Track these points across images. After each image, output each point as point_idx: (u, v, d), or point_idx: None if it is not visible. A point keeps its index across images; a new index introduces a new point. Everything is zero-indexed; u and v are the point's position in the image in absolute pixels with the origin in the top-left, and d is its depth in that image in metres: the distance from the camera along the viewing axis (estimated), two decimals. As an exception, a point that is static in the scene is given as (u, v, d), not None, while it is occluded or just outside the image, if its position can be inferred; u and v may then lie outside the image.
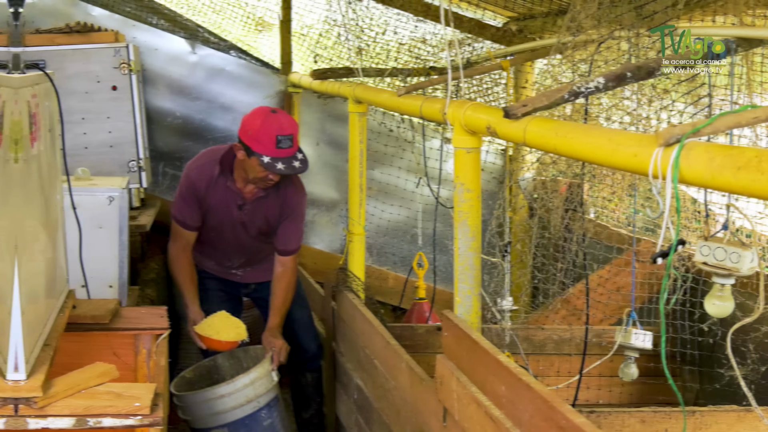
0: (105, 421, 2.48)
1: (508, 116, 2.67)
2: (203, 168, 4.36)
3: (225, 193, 4.36)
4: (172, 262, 4.48)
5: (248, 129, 4.13)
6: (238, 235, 4.50)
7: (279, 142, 4.07)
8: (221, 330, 4.28)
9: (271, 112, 4.16)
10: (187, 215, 4.39)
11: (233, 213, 4.41)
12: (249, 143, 4.12)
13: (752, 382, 4.27)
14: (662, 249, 2.14)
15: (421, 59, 5.77)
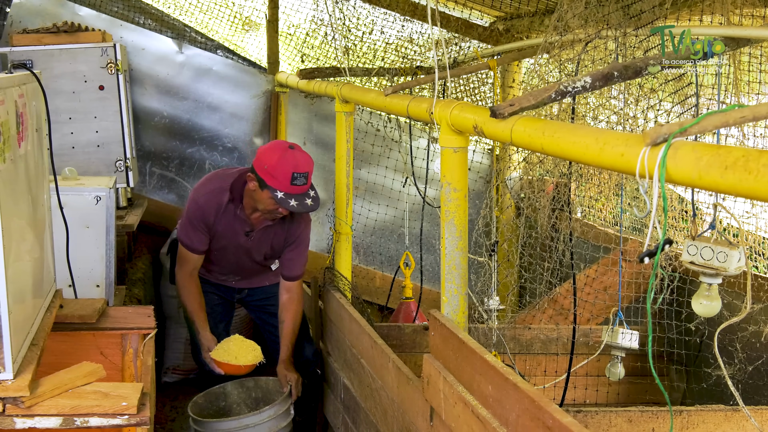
0: (92, 421, 2.47)
1: (495, 116, 2.67)
2: (212, 195, 4.34)
3: (233, 221, 4.37)
4: (181, 288, 4.46)
5: (264, 162, 4.12)
6: (240, 259, 4.53)
7: (294, 179, 4.09)
8: (239, 354, 4.26)
9: (289, 148, 4.15)
10: (195, 240, 4.38)
11: (240, 239, 4.43)
12: (263, 176, 4.12)
13: (739, 381, 4.29)
14: (649, 248, 2.15)
15: (408, 59, 5.77)
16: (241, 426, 4.21)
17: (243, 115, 6.84)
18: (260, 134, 6.85)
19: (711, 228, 2.87)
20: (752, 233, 4.11)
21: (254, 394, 4.56)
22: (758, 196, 1.63)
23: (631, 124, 3.45)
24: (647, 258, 2.10)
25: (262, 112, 6.84)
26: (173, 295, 5.91)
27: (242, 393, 4.56)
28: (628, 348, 3.75)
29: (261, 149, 4.21)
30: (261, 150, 4.20)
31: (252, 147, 6.83)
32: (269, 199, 4.15)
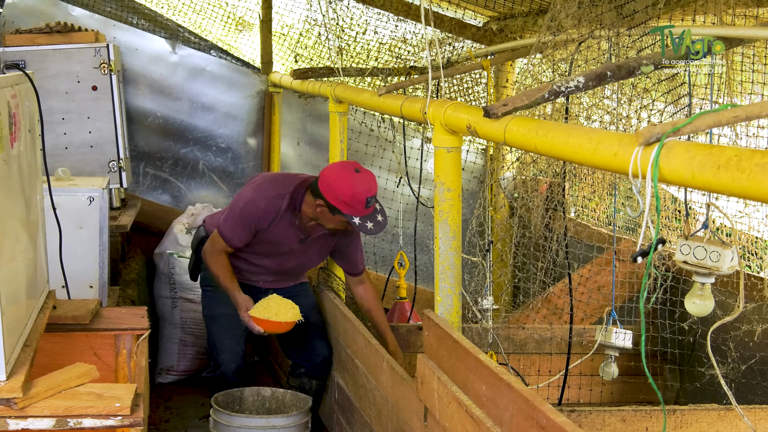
0: (85, 422, 2.47)
1: (489, 115, 2.68)
2: (272, 202, 4.33)
3: (288, 228, 4.37)
4: (211, 258, 4.42)
5: (338, 193, 4.12)
6: (286, 263, 4.54)
7: (368, 203, 4.15)
8: (279, 311, 4.24)
9: (356, 172, 4.17)
10: (237, 236, 4.37)
11: (293, 245, 4.44)
12: (337, 205, 4.14)
13: (732, 380, 4.30)
14: (642, 248, 2.15)
15: (402, 59, 5.77)
16: (269, 426, 4.22)
17: (237, 115, 6.83)
18: (254, 134, 6.85)
19: (704, 227, 2.88)
20: (745, 233, 4.12)
21: (268, 405, 4.56)
22: (751, 196, 1.64)
23: (625, 124, 3.46)
24: (640, 257, 2.10)
25: (256, 112, 6.84)
26: (166, 295, 5.90)
27: (257, 401, 4.56)
28: (622, 347, 3.75)
29: (329, 176, 4.18)
30: (329, 178, 4.17)
31: (246, 147, 6.83)
32: (342, 222, 4.22)
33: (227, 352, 4.58)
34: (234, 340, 4.59)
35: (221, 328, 4.59)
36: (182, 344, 5.92)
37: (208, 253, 4.45)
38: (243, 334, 4.63)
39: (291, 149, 6.95)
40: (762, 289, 4.17)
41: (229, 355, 4.58)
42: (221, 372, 4.59)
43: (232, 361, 4.59)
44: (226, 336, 4.58)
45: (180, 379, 5.94)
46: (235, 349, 4.59)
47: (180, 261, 5.83)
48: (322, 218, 4.27)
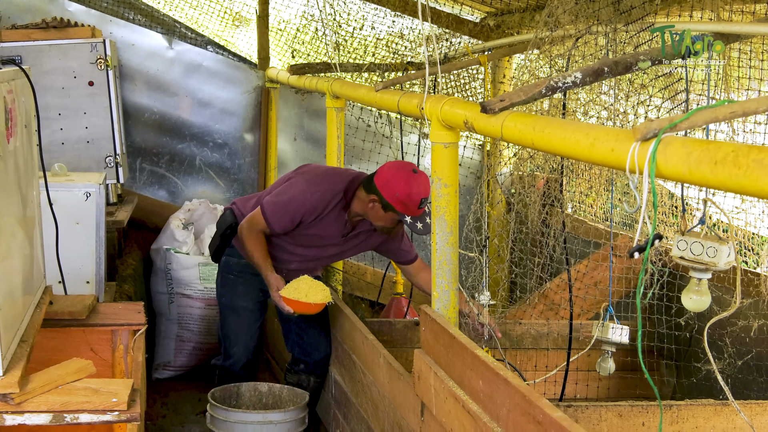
0: (82, 417, 2.47)
1: (486, 111, 2.68)
2: (324, 195, 4.32)
3: (333, 223, 4.36)
4: (249, 234, 4.37)
5: (395, 190, 4.13)
6: (323, 255, 4.52)
7: (421, 204, 4.16)
8: (309, 293, 4.23)
9: (413, 173, 4.18)
10: (279, 224, 4.34)
11: (335, 240, 4.43)
12: (393, 203, 4.15)
13: (729, 376, 4.30)
14: (639, 244, 2.15)
15: (399, 54, 5.77)
16: (266, 421, 4.22)
17: (233, 111, 6.82)
18: (251, 130, 6.84)
19: (701, 223, 2.88)
20: (742, 228, 4.13)
21: (265, 400, 4.56)
22: (748, 192, 1.64)
23: (622, 120, 3.46)
24: (637, 253, 2.10)
25: (253, 108, 6.83)
26: (163, 291, 5.90)
27: (254, 397, 4.57)
28: (619, 343, 3.75)
29: (387, 174, 4.19)
30: (387, 175, 4.19)
31: (243, 143, 6.82)
32: (392, 221, 4.23)
33: (240, 347, 4.59)
34: (248, 335, 4.60)
35: (239, 321, 4.59)
36: (179, 340, 5.92)
37: (246, 229, 4.38)
38: (258, 329, 4.64)
39: (288, 145, 6.94)
40: (758, 284, 4.17)
41: (242, 350, 4.60)
42: (231, 363, 4.61)
43: (243, 356, 4.61)
44: (241, 330, 4.59)
45: (177, 375, 5.95)
46: (248, 345, 4.61)
47: (177, 257, 5.83)
48: (371, 215, 4.27)
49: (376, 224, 4.30)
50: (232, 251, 4.57)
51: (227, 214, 4.59)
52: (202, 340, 5.90)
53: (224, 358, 4.65)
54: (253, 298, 4.58)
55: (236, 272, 4.56)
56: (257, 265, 4.34)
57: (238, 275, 4.56)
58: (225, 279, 4.63)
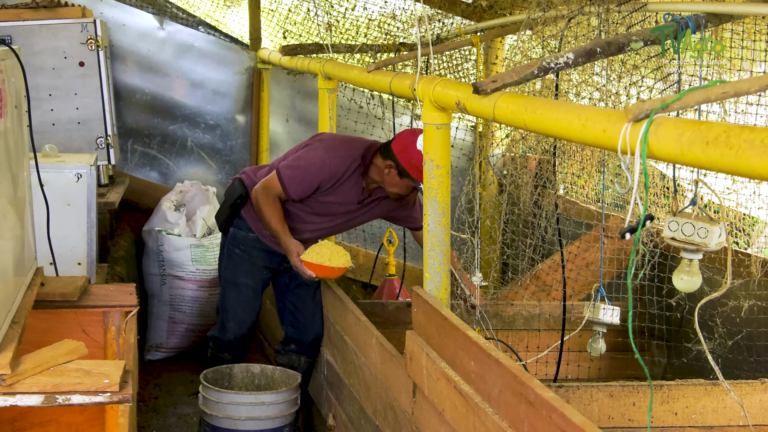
0: (74, 398, 2.46)
1: (478, 92, 2.67)
2: (343, 161, 4.31)
3: (351, 189, 4.36)
4: (265, 200, 4.32)
5: (412, 156, 4.13)
6: (334, 221, 4.50)
7: None
8: (332, 257, 4.22)
9: None
10: (296, 189, 4.31)
11: (351, 206, 4.43)
12: (409, 169, 4.16)
13: (719, 356, 4.32)
14: (630, 224, 2.15)
15: (391, 35, 5.75)
16: (258, 402, 4.23)
17: (225, 92, 6.80)
18: (243, 111, 6.82)
19: (692, 204, 2.89)
20: (733, 209, 4.14)
21: (257, 381, 4.57)
22: (739, 172, 1.64)
23: (614, 101, 3.46)
24: (628, 234, 2.11)
25: (245, 89, 6.81)
26: (155, 272, 5.89)
27: (246, 378, 4.57)
28: (610, 324, 3.77)
29: (406, 140, 4.19)
30: (405, 142, 4.18)
31: (234, 124, 6.80)
32: (407, 187, 4.25)
33: (236, 322, 4.60)
34: (246, 313, 4.60)
35: (239, 298, 4.59)
36: (171, 321, 5.92)
37: (262, 194, 4.33)
38: (257, 306, 4.64)
39: (280, 126, 6.92)
40: (749, 265, 4.19)
41: (237, 326, 4.61)
42: (224, 334, 4.62)
43: (238, 330, 4.62)
44: (240, 306, 4.59)
45: (169, 356, 5.95)
46: (245, 321, 4.61)
47: (169, 238, 5.82)
48: (387, 181, 4.27)
49: (390, 190, 4.30)
50: (241, 223, 4.54)
51: (236, 184, 4.55)
52: (194, 322, 5.90)
53: (219, 329, 4.66)
54: (256, 276, 4.57)
55: (243, 247, 4.55)
56: (274, 231, 4.31)
57: (245, 251, 4.55)
58: (231, 253, 4.59)
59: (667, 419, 3.35)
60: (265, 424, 4.26)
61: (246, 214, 4.52)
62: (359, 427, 3.97)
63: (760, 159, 1.56)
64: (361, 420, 3.93)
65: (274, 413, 4.27)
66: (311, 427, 4.91)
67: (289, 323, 4.66)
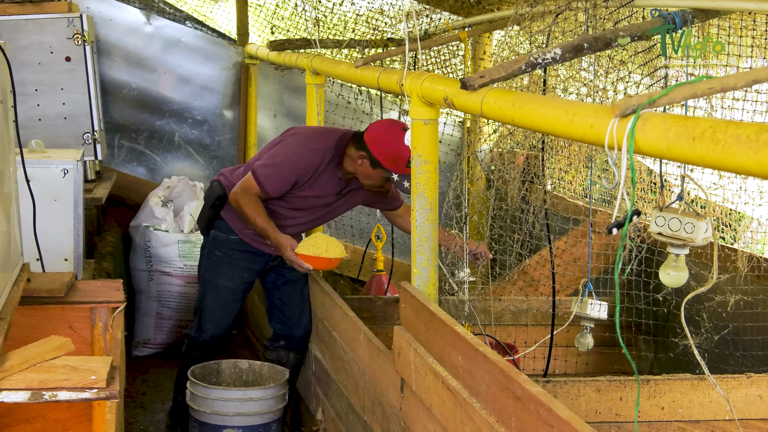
0: (61, 395, 2.46)
1: (466, 87, 2.67)
2: (317, 153, 4.30)
3: (329, 180, 4.35)
4: (245, 201, 4.29)
5: (384, 147, 4.15)
6: (318, 216, 4.49)
7: (409, 163, 4.12)
8: (328, 248, 4.22)
9: (404, 131, 4.17)
10: (273, 187, 4.29)
11: (330, 198, 4.42)
12: (381, 159, 4.16)
13: (706, 350, 4.34)
14: (617, 220, 2.16)
15: (379, 30, 5.74)
16: (246, 398, 4.23)
17: (213, 88, 6.78)
18: (230, 106, 6.81)
19: (679, 199, 2.89)
20: (719, 204, 4.15)
21: (245, 377, 4.56)
22: (725, 167, 1.64)
23: (601, 96, 3.46)
24: (615, 229, 2.11)
25: (232, 84, 6.79)
26: (143, 268, 5.88)
27: (234, 374, 4.57)
28: (597, 319, 3.78)
29: (378, 130, 4.20)
30: (376, 132, 4.19)
31: (222, 119, 6.79)
32: (380, 178, 4.24)
33: (213, 324, 4.57)
34: (224, 315, 4.57)
35: (217, 300, 4.55)
36: (159, 317, 5.91)
37: (241, 197, 4.31)
38: (235, 308, 4.61)
39: (268, 121, 6.91)
40: (735, 260, 4.21)
41: (214, 327, 4.58)
42: (201, 336, 4.59)
43: (214, 331, 4.59)
44: (218, 309, 4.56)
45: (157, 352, 5.94)
46: (222, 324, 4.58)
47: (156, 234, 5.81)
48: (360, 171, 4.27)
49: (365, 182, 4.30)
50: (221, 225, 4.52)
51: (215, 186, 4.54)
52: (181, 318, 5.89)
53: (196, 329, 4.63)
54: (236, 279, 4.55)
55: (224, 249, 4.53)
56: (261, 230, 4.30)
57: (225, 253, 4.53)
58: (211, 254, 4.57)
59: (654, 414, 3.36)
60: (253, 420, 4.26)
61: (226, 216, 4.51)
62: (347, 423, 3.97)
63: (746, 154, 1.56)
64: (349, 415, 3.93)
65: (262, 409, 4.26)
66: (299, 422, 4.91)
67: (277, 320, 4.66)
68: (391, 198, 4.60)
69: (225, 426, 4.25)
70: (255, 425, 4.27)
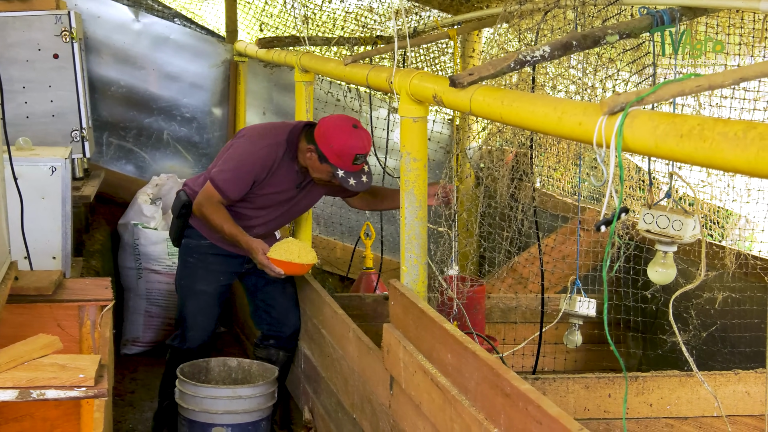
0: (49, 393, 2.45)
1: (455, 85, 2.67)
2: (270, 149, 4.28)
3: (287, 175, 4.34)
4: (210, 210, 4.28)
5: (330, 141, 4.14)
6: (279, 210, 4.47)
7: (356, 160, 4.14)
8: (300, 253, 4.21)
9: (353, 128, 4.17)
10: (233, 190, 4.28)
11: (291, 192, 4.40)
12: (327, 154, 4.16)
13: (693, 347, 4.36)
14: (606, 217, 2.16)
15: (368, 28, 5.74)
16: (235, 396, 4.22)
17: (202, 85, 6.77)
18: (219, 104, 6.79)
19: (667, 197, 2.90)
20: (707, 202, 4.16)
21: (234, 375, 4.55)
22: (713, 164, 1.65)
23: (590, 94, 3.47)
24: (604, 226, 2.11)
25: (221, 81, 6.78)
26: (131, 266, 5.87)
27: (223, 372, 4.55)
28: (586, 316, 3.78)
29: (326, 125, 4.20)
30: (326, 126, 4.19)
31: (211, 117, 6.77)
32: (327, 173, 4.22)
33: (198, 330, 4.54)
34: (206, 319, 4.54)
35: (198, 305, 4.52)
36: (147, 315, 5.90)
37: (205, 206, 4.30)
38: (216, 313, 4.59)
39: (256, 119, 6.90)
40: (723, 257, 4.22)
41: (199, 334, 4.54)
42: (187, 346, 4.56)
43: (200, 339, 4.56)
44: (200, 314, 4.53)
45: (145, 350, 5.93)
46: (206, 329, 4.55)
47: (145, 232, 5.80)
48: (309, 165, 4.27)
49: (314, 175, 4.30)
50: (191, 232, 4.51)
51: (180, 195, 4.54)
52: (170, 316, 5.88)
53: (180, 340, 4.58)
54: (213, 282, 4.53)
55: (196, 255, 4.51)
56: (230, 236, 4.28)
57: (199, 258, 4.51)
58: (185, 262, 4.56)
59: (642, 410, 3.37)
60: (242, 417, 4.25)
61: (194, 223, 4.50)
62: (336, 421, 3.97)
63: (734, 151, 1.57)
64: (339, 413, 3.93)
65: (252, 407, 4.26)
66: (289, 420, 4.90)
67: (264, 322, 4.64)
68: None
69: (214, 424, 4.24)
70: (244, 423, 4.26)
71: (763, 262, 4.18)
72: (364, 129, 4.20)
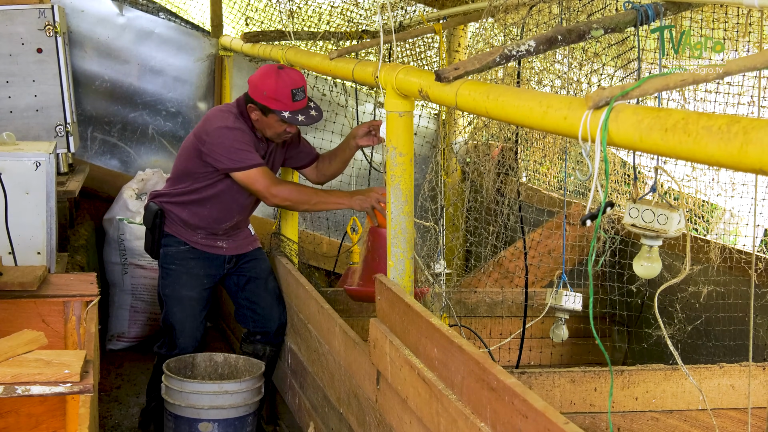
0: (34, 389, 2.44)
1: (440, 79, 2.67)
2: (237, 123, 4.30)
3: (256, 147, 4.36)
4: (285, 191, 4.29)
5: (262, 89, 4.20)
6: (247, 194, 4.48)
7: (294, 96, 4.19)
8: None
9: (279, 69, 4.24)
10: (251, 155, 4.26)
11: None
12: (265, 102, 4.20)
13: (679, 341, 4.38)
14: (591, 211, 2.17)
15: (354, 22, 5.73)
16: (221, 391, 4.21)
17: (186, 79, 6.74)
18: (204, 98, 6.77)
19: (652, 191, 2.91)
20: (692, 196, 4.18)
21: (221, 370, 4.54)
22: (697, 158, 1.65)
23: (575, 88, 3.47)
24: (589, 221, 2.12)
25: (206, 76, 6.76)
26: (116, 261, 5.85)
27: (209, 367, 4.54)
28: (572, 310, 3.80)
29: (253, 79, 4.27)
30: (253, 79, 4.27)
31: (196, 111, 6.75)
32: (277, 123, 4.26)
33: (188, 337, 4.51)
34: (195, 324, 4.52)
35: (184, 311, 4.50)
36: (133, 310, 5.88)
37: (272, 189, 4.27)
38: (203, 320, 4.57)
39: (242, 114, 6.88)
40: (708, 251, 4.24)
41: (189, 340, 4.52)
42: (172, 352, 4.52)
43: (190, 345, 4.54)
44: (188, 320, 4.50)
45: (131, 346, 5.91)
46: (195, 334, 4.53)
47: (130, 227, 5.78)
48: (261, 127, 4.31)
49: (270, 134, 4.34)
50: (170, 240, 4.50)
51: (150, 207, 4.53)
52: (156, 311, 5.86)
53: (169, 348, 4.55)
54: (197, 287, 4.51)
55: (178, 261, 4.50)
56: (334, 203, 4.35)
57: (181, 264, 4.50)
58: (167, 270, 4.53)
59: (628, 404, 3.38)
60: (229, 413, 4.25)
61: (170, 230, 4.50)
62: (323, 415, 3.97)
63: (718, 145, 1.57)
64: (325, 408, 3.93)
65: (238, 402, 4.25)
66: (275, 415, 4.90)
67: (249, 320, 4.63)
68: (304, 152, 4.64)
69: (200, 419, 4.23)
70: (230, 418, 4.25)
71: (748, 255, 4.20)
72: (292, 68, 4.28)
